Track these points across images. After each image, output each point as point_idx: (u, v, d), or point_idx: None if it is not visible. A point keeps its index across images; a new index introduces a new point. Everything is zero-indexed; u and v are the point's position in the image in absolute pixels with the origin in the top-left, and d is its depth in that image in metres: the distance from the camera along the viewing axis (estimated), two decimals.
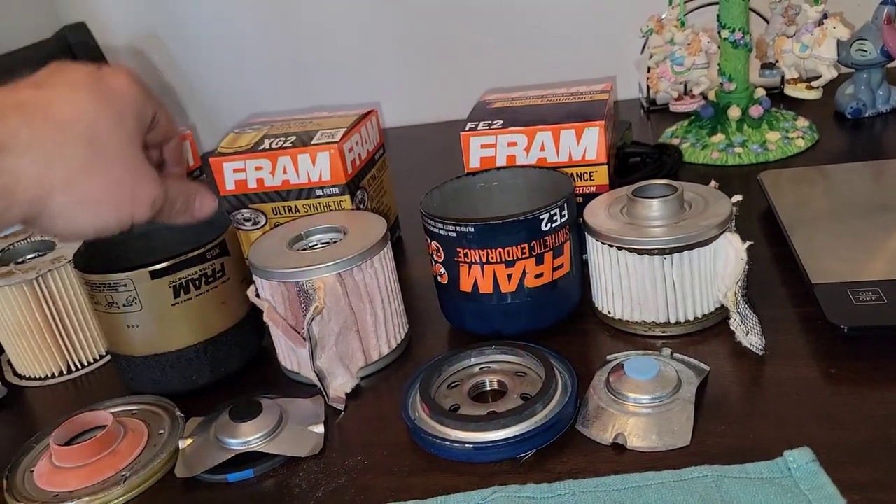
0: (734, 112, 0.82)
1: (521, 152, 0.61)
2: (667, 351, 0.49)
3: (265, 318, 0.50)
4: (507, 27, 1.09)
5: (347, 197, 0.63)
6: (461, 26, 1.10)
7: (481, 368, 0.50)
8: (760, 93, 0.84)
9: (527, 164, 0.60)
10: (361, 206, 0.66)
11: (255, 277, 0.52)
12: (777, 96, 0.88)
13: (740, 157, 0.79)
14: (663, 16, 0.84)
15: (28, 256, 0.62)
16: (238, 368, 0.56)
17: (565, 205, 0.52)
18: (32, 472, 0.48)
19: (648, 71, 0.95)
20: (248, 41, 1.14)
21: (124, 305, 0.52)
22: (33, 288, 0.57)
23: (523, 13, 1.10)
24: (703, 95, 0.85)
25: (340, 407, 0.50)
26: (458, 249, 0.51)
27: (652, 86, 0.80)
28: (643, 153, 0.81)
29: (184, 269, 0.51)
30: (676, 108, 0.80)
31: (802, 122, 0.84)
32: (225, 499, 0.44)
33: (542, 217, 0.50)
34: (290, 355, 0.54)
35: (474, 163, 0.62)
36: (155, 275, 0.50)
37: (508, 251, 0.50)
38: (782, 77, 0.88)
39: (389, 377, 0.54)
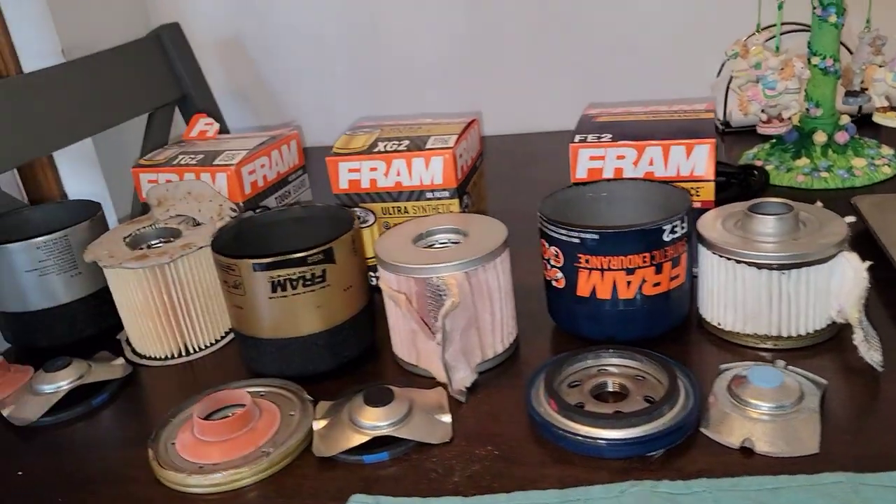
0: (820, 137, 0.84)
1: (630, 166, 0.63)
2: (781, 363, 0.51)
3: (404, 310, 0.52)
4: (582, 43, 1.13)
5: (456, 201, 0.66)
6: (545, 39, 1.13)
7: (599, 370, 0.52)
8: (846, 119, 0.86)
9: (636, 177, 0.62)
10: (465, 211, 0.69)
11: (382, 272, 0.55)
12: (856, 123, 0.90)
13: (826, 181, 0.81)
14: (749, 40, 0.86)
15: (152, 242, 0.66)
16: (355, 357, 0.59)
17: (685, 217, 0.54)
18: (174, 444, 0.51)
19: (727, 92, 0.97)
20: (333, 48, 1.18)
21: (234, 287, 0.55)
22: (164, 272, 0.60)
23: (601, 31, 1.13)
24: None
25: (462, 399, 0.53)
26: (580, 255, 0.54)
27: (741, 108, 0.82)
28: (729, 173, 0.83)
29: (283, 269, 0.53)
30: (765, 130, 0.82)
31: (887, 150, 0.85)
32: (361, 478, 0.47)
33: (664, 228, 0.52)
34: (410, 348, 0.56)
35: (581, 173, 0.64)
36: (257, 267, 0.54)
37: (630, 259, 0.52)
38: (860, 106, 0.90)
39: (501, 374, 0.56)
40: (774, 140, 0.90)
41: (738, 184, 0.82)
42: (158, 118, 1.11)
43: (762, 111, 0.83)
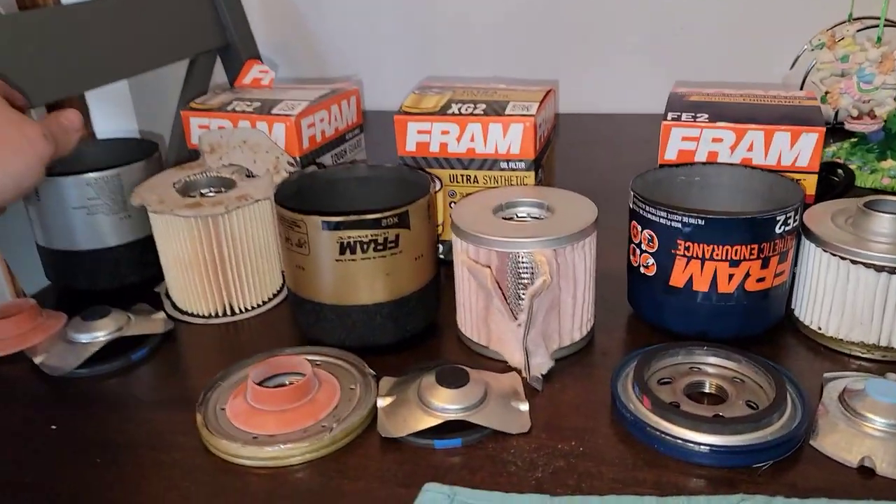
0: None
1: (726, 150, 0.58)
2: (893, 376, 0.46)
3: (489, 286, 0.47)
4: (643, 24, 1.08)
5: (532, 174, 0.61)
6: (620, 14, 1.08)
7: (691, 368, 0.48)
8: None
9: (735, 163, 0.57)
10: (540, 185, 0.64)
11: (459, 242, 0.51)
12: None
13: None
14: (837, 29, 0.81)
15: (204, 190, 0.61)
16: (419, 332, 0.55)
17: (799, 210, 0.49)
18: (224, 409, 0.47)
19: (802, 85, 0.92)
20: (385, 4, 1.13)
21: (296, 246, 0.50)
22: (217, 223, 0.55)
23: (668, 13, 1.08)
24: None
25: (538, 387, 0.48)
26: (679, 241, 0.49)
27: (831, 102, 0.77)
28: None
29: (355, 230, 0.49)
30: (853, 127, 0.77)
31: None
32: (431, 465, 0.43)
33: (778, 218, 0.48)
34: (480, 327, 0.52)
35: (670, 155, 0.59)
36: (326, 225, 0.49)
37: (736, 250, 0.48)
38: None
39: (576, 364, 0.52)
40: (856, 138, 0.85)
41: (820, 182, 0.77)
42: (199, 65, 1.06)
43: (853, 106, 0.78)
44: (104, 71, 0.90)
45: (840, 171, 0.77)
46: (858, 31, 0.84)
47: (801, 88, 0.97)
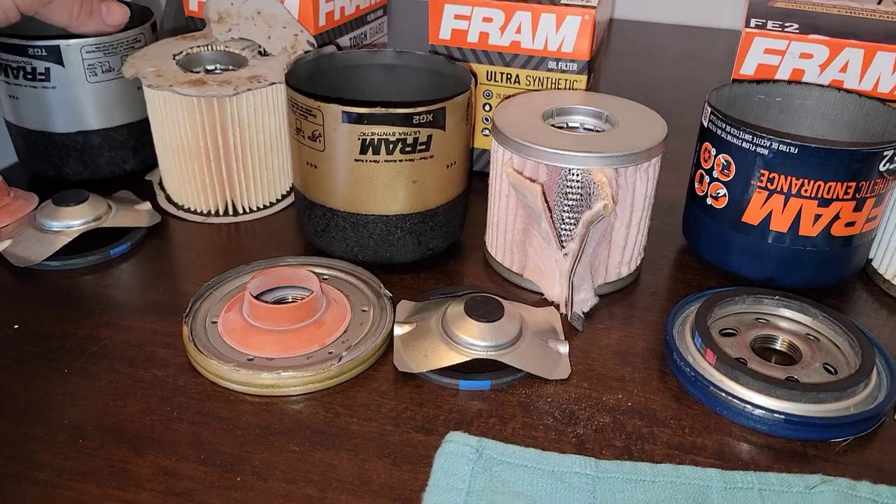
0: None
1: (814, 68, 0.50)
2: None
3: (538, 205, 0.40)
4: None
5: (584, 77, 0.53)
6: None
7: (758, 320, 0.41)
8: None
9: (824, 84, 0.49)
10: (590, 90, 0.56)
11: (501, 150, 0.43)
12: None
13: None
14: None
15: (210, 67, 0.52)
16: (441, 251, 0.48)
17: None
18: (216, 323, 0.40)
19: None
20: None
21: (309, 139, 0.43)
22: (223, 106, 0.47)
23: None
24: None
25: (579, 326, 0.42)
26: (763, 171, 0.42)
27: None
28: None
29: (380, 124, 0.41)
30: None
31: None
32: (455, 408, 0.37)
33: (885, 154, 0.40)
34: (515, 253, 0.45)
35: (747, 69, 0.51)
36: (347, 117, 0.41)
37: (830, 187, 0.41)
38: None
39: (619, 303, 0.45)
40: None
41: None
42: None
43: None
44: None
45: None
46: None
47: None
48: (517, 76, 0.54)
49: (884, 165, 0.40)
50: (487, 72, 0.55)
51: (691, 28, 1.00)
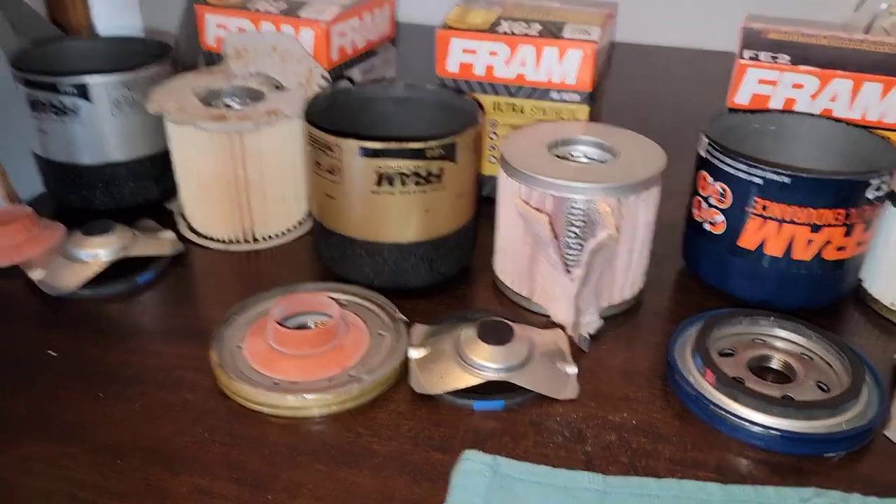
0: None
1: (806, 98, 0.52)
2: None
3: (544, 234, 0.42)
4: None
5: (586, 108, 0.55)
6: None
7: (754, 340, 0.44)
8: None
9: (818, 114, 0.51)
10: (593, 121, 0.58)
11: (509, 181, 0.45)
12: None
13: None
14: None
15: (228, 101, 0.55)
16: (452, 276, 0.50)
17: (893, 174, 0.44)
18: (241, 348, 0.42)
19: (867, 31, 0.85)
20: None
21: (328, 172, 0.45)
22: (243, 139, 0.49)
23: None
24: None
25: (586, 348, 0.44)
26: (757, 199, 0.44)
27: None
28: None
29: (395, 158, 0.43)
30: None
31: None
32: (469, 428, 0.39)
33: (871, 182, 0.43)
34: (523, 278, 0.47)
35: (742, 99, 0.53)
36: (364, 152, 0.43)
37: (821, 214, 0.43)
38: None
39: (623, 325, 0.47)
40: None
41: None
42: None
43: None
44: None
45: None
46: None
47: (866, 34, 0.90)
48: (522, 107, 0.57)
49: (871, 193, 0.43)
50: (494, 103, 0.57)
51: (693, 51, 1.03)
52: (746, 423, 0.37)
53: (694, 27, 1.01)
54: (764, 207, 0.44)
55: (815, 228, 0.43)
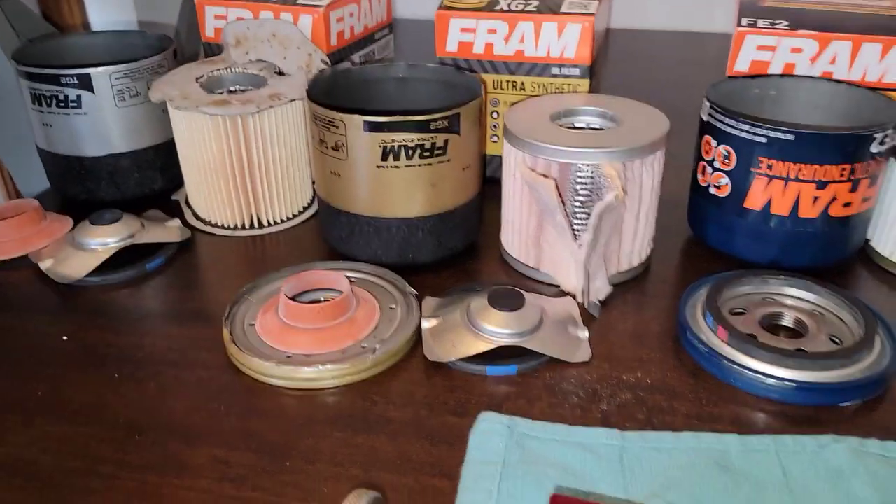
0: None
1: (805, 62, 0.52)
2: None
3: (551, 200, 0.42)
4: None
5: (586, 82, 0.56)
6: None
7: (764, 299, 0.44)
8: None
9: (815, 76, 0.51)
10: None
11: (514, 151, 0.46)
12: None
13: None
14: None
15: (231, 88, 0.55)
16: (461, 251, 0.50)
17: None
18: (253, 325, 0.42)
19: None
20: None
21: (332, 149, 0.45)
22: (247, 123, 0.49)
23: None
24: None
25: (596, 313, 0.44)
26: (761, 159, 0.44)
27: None
28: None
29: (400, 132, 0.43)
30: None
31: None
32: (484, 393, 0.39)
33: (875, 136, 0.43)
34: (530, 247, 0.47)
35: (741, 66, 0.54)
36: (368, 126, 0.44)
37: (826, 170, 0.43)
38: None
39: (633, 290, 0.47)
40: None
41: None
42: None
43: None
44: None
45: None
46: None
47: None
48: (522, 83, 0.57)
49: (875, 147, 0.43)
50: (494, 81, 0.57)
51: (686, 34, 1.04)
52: (761, 377, 0.38)
53: (692, 8, 1.02)
54: (769, 166, 0.44)
55: (821, 185, 0.44)
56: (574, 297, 0.45)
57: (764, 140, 0.43)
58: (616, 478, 0.33)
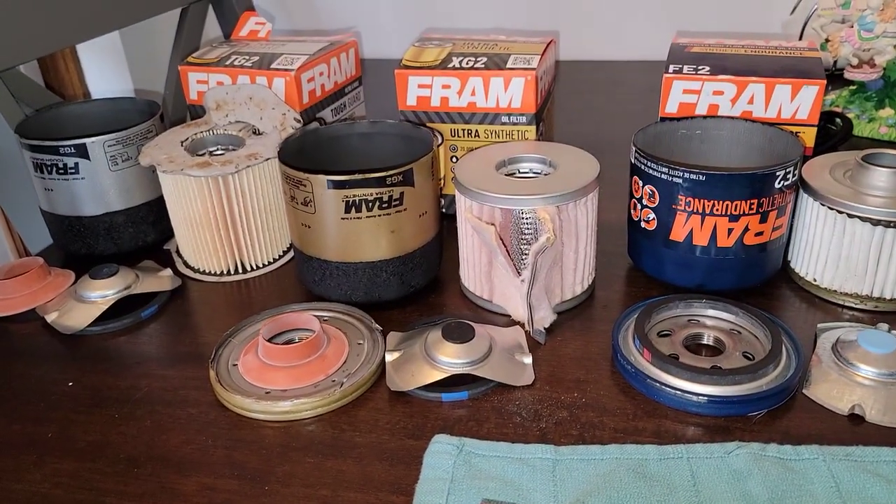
0: None
1: (727, 103, 0.58)
2: (884, 326, 0.48)
3: (493, 243, 0.48)
4: None
5: (533, 128, 0.61)
6: None
7: (690, 321, 0.49)
8: None
9: (736, 116, 0.58)
10: (540, 139, 0.64)
11: (462, 199, 0.51)
12: None
13: None
14: None
15: (212, 149, 0.61)
16: (423, 287, 0.56)
17: (798, 164, 0.50)
18: (237, 365, 0.48)
19: (802, 32, 0.91)
20: None
21: (302, 204, 0.51)
22: (227, 182, 0.55)
23: None
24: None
25: (541, 340, 0.50)
26: (680, 196, 0.50)
27: (832, 50, 0.76)
28: None
29: (359, 188, 0.49)
30: (853, 75, 0.77)
31: None
32: (439, 417, 0.44)
33: (778, 174, 0.48)
34: (483, 282, 0.53)
35: (671, 108, 0.59)
36: (332, 184, 0.49)
37: (736, 205, 0.49)
38: None
39: (578, 317, 0.53)
40: (854, 86, 0.84)
41: (818, 131, 0.77)
42: (192, 15, 1.04)
43: (853, 55, 0.77)
44: (94, 22, 0.89)
45: (838, 119, 0.77)
46: None
47: (801, 35, 0.97)
48: (477, 131, 0.63)
49: (779, 183, 0.48)
50: (451, 129, 0.63)
51: (642, 63, 1.10)
52: (679, 392, 0.43)
53: (647, 40, 1.08)
54: (688, 203, 0.49)
55: (734, 218, 0.49)
56: (522, 325, 0.50)
57: (680, 180, 0.49)
58: (548, 487, 0.38)
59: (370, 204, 0.50)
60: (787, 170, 0.49)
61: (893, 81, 0.80)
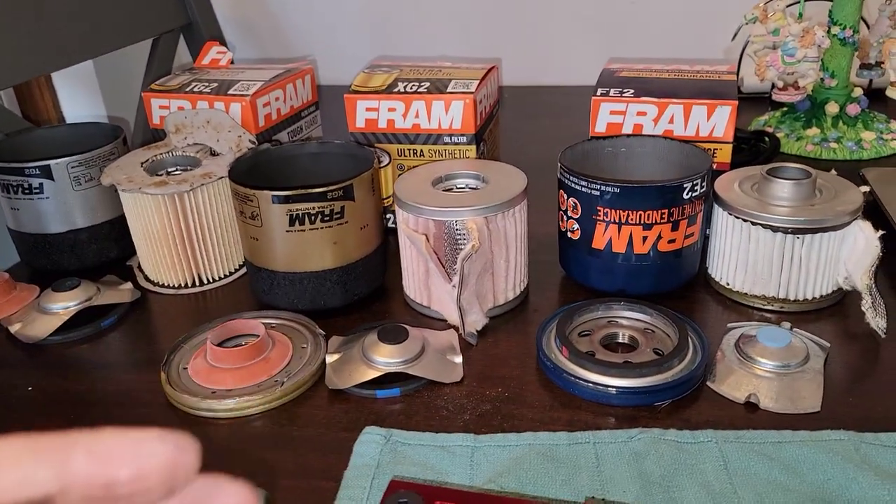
0: (832, 108, 0.84)
1: (650, 122, 0.63)
2: (786, 325, 0.52)
3: (424, 251, 0.52)
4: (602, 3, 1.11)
5: (473, 147, 0.66)
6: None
7: (609, 322, 0.53)
8: (858, 92, 0.86)
9: (656, 134, 0.62)
10: (481, 158, 0.68)
11: (400, 212, 0.55)
12: (867, 97, 0.90)
13: (835, 152, 0.82)
14: (769, 5, 0.86)
15: (171, 169, 0.65)
16: (366, 295, 0.59)
17: (706, 177, 0.54)
18: (187, 368, 0.51)
19: (741, 57, 0.97)
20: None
21: (250, 218, 0.55)
22: (183, 200, 0.59)
23: None
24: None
25: (473, 341, 0.53)
26: (599, 208, 0.54)
27: (758, 74, 0.82)
28: (740, 138, 0.83)
29: (302, 202, 0.53)
30: (780, 97, 0.82)
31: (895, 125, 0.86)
32: (373, 412, 0.48)
33: (685, 186, 0.53)
34: (422, 289, 0.57)
35: (600, 127, 0.64)
36: (276, 199, 0.53)
37: (648, 214, 0.53)
38: (870, 80, 0.90)
39: (511, 320, 0.57)
40: (786, 108, 0.90)
41: (749, 149, 0.82)
42: (163, 44, 1.08)
43: (779, 78, 0.83)
44: (68, 52, 0.93)
45: (766, 138, 0.83)
46: (788, 5, 0.89)
47: (740, 60, 1.02)
48: (421, 150, 0.67)
49: (687, 194, 0.53)
50: (397, 149, 0.67)
51: (585, 87, 1.15)
52: (592, 385, 0.47)
53: (585, 66, 1.13)
54: (606, 214, 0.54)
55: (647, 227, 0.53)
56: (455, 328, 0.54)
57: (599, 193, 0.53)
58: (465, 471, 0.42)
59: (313, 217, 0.54)
60: (695, 181, 0.53)
61: (819, 103, 0.85)
